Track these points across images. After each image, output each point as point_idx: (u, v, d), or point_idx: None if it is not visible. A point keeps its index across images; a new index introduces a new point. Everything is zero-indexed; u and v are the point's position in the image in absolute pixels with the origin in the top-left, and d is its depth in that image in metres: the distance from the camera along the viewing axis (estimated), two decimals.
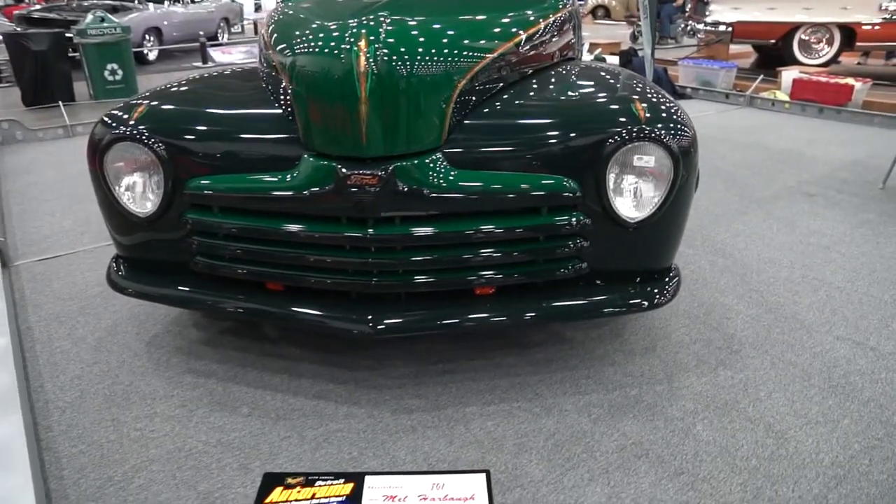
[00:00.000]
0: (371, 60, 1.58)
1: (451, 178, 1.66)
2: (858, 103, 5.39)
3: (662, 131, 1.70)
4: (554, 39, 2.22)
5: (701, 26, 7.66)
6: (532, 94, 1.90)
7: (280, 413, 1.83)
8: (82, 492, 1.56)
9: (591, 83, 2.04)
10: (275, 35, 1.94)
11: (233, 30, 12.65)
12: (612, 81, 2.01)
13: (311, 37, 1.75)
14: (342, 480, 1.58)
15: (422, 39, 1.71)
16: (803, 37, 6.92)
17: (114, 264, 2.02)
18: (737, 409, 1.82)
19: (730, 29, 7.22)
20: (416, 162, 1.65)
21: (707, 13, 7.51)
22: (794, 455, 1.65)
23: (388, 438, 1.73)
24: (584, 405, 1.85)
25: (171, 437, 1.75)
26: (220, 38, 11.53)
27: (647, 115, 1.73)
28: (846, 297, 2.46)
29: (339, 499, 1.52)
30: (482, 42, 1.84)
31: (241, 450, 1.70)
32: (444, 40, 1.75)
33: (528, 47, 2.02)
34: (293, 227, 1.71)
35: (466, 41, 1.80)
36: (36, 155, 4.68)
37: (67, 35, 6.50)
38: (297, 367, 2.03)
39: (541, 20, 2.12)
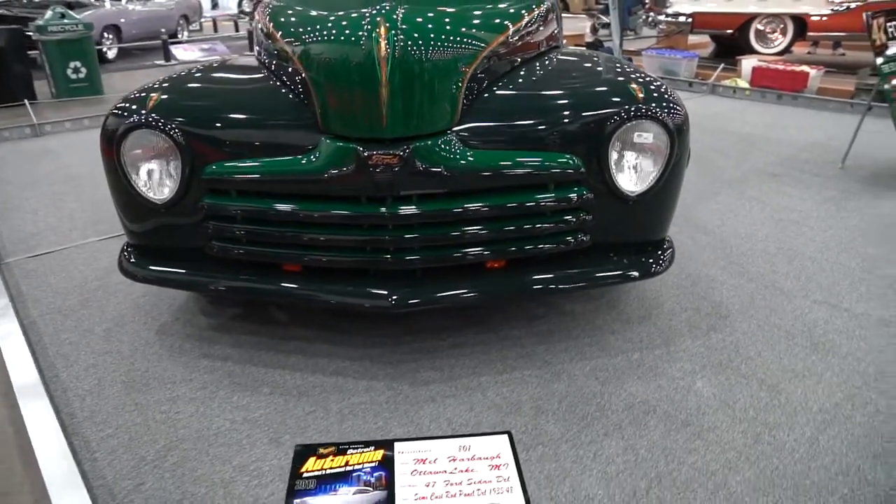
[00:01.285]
0: (390, 46, 1.65)
1: (465, 156, 1.74)
2: (814, 89, 5.68)
3: (658, 109, 1.82)
4: (541, 29, 2.32)
5: (662, 17, 7.91)
6: (534, 78, 2.00)
7: (301, 390, 1.89)
8: (118, 471, 1.59)
9: (585, 68, 2.15)
10: (281, 26, 1.99)
11: (191, 27, 12.38)
12: (603, 66, 2.13)
13: (324, 26, 1.81)
14: (372, 448, 1.65)
15: (432, 27, 1.79)
16: (759, 27, 7.23)
17: (125, 253, 2.04)
18: (731, 367, 1.97)
19: (690, 20, 7.48)
20: (431, 142, 1.73)
21: (667, 4, 7.76)
22: (786, 404, 1.80)
23: (411, 408, 1.81)
24: (590, 370, 1.96)
25: (197, 417, 1.79)
26: (179, 36, 11.28)
27: (643, 94, 1.85)
28: (818, 265, 2.64)
29: (372, 464, 1.59)
30: (488, 31, 1.93)
31: (268, 426, 1.75)
32: (454, 29, 1.83)
33: (519, 37, 2.10)
34: (312, 208, 1.77)
35: (475, 30, 1.89)
36: (5, 154, 4.55)
37: (26, 32, 6.31)
38: (311, 348, 2.09)
39: (526, 12, 2.19)
